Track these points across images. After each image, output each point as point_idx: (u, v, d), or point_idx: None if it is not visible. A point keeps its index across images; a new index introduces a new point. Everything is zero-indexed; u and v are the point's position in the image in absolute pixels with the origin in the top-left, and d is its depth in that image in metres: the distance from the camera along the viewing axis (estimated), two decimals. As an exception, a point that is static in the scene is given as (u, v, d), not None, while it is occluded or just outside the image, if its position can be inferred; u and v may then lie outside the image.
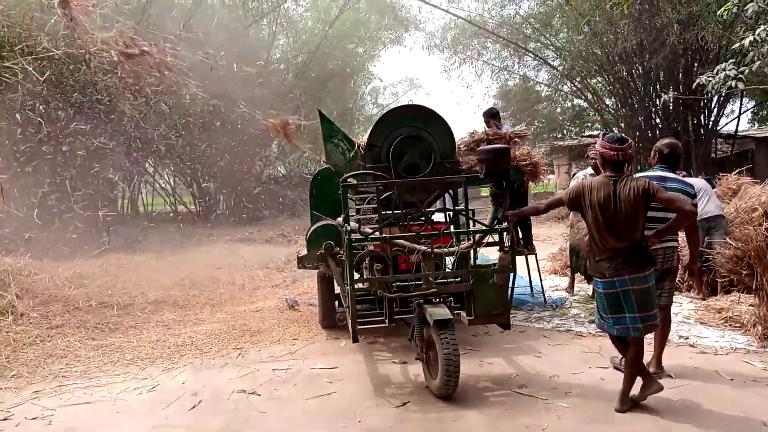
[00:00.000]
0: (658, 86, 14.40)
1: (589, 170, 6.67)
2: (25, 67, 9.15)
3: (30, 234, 9.91)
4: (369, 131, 5.48)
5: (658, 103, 14.23)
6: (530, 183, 6.42)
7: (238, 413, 4.15)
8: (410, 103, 19.02)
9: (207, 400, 4.41)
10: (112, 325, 6.52)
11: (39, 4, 9.47)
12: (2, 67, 9.06)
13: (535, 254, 7.07)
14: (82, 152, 11.67)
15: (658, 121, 14.85)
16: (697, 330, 5.54)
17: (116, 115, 12.58)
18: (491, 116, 7.30)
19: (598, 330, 4.74)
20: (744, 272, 5.41)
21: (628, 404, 3.85)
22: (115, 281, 7.91)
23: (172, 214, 17.87)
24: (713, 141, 15.47)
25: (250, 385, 4.67)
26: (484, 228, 4.49)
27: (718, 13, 8.57)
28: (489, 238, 4.56)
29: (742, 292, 5.90)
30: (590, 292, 6.70)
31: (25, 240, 9.55)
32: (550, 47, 17.60)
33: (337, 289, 5.92)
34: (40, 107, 10.94)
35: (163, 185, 19.07)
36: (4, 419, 4.17)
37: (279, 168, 21.98)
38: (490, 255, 6.36)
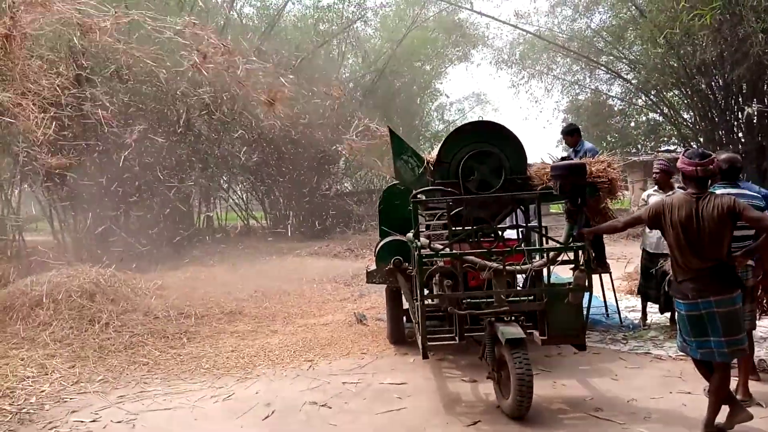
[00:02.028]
0: (740, 99, 13.71)
1: (653, 188, 6.39)
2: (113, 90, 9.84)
3: (114, 247, 10.52)
4: (438, 147, 5.51)
5: (740, 116, 13.54)
6: (607, 200, 6.20)
7: (310, 425, 4.23)
8: (480, 119, 18.94)
9: (280, 410, 4.51)
10: (190, 335, 6.79)
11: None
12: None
13: (610, 273, 6.85)
14: (163, 169, 12.29)
15: (740, 135, 14.12)
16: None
17: (194, 133, 13.19)
18: (569, 133, 7.16)
19: (680, 353, 4.54)
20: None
21: (713, 433, 3.66)
22: (192, 292, 8.24)
23: (244, 229, 18.45)
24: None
25: (321, 397, 4.74)
26: (558, 245, 4.40)
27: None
28: (563, 256, 4.47)
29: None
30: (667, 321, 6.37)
31: (110, 253, 10.13)
32: (624, 60, 17.13)
33: (406, 305, 5.93)
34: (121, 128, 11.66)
35: (236, 200, 19.76)
36: (93, 421, 4.41)
37: (346, 184, 22.34)
38: (560, 274, 6.21)
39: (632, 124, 22.20)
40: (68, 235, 11.71)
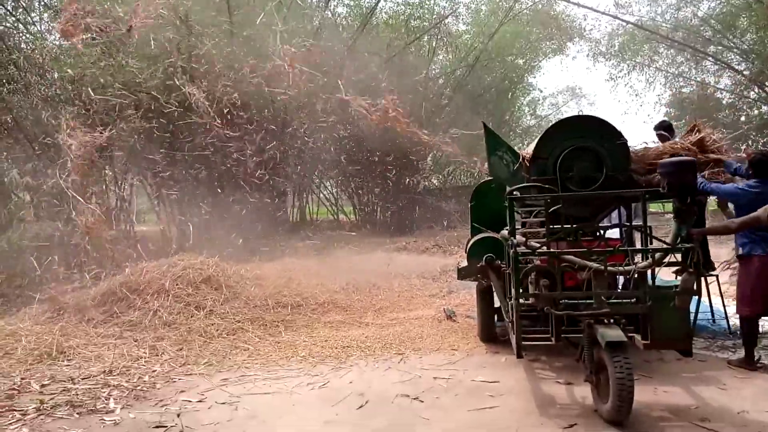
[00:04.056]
0: None
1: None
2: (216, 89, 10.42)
3: (216, 239, 11.11)
4: (535, 143, 5.39)
5: None
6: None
7: (402, 417, 4.29)
8: (579, 113, 18.34)
9: (373, 400, 4.60)
10: (287, 323, 7.08)
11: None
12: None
13: (717, 276, 6.45)
14: (260, 166, 12.83)
15: None
16: None
17: (290, 131, 13.65)
18: (664, 129, 6.81)
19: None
20: None
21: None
22: (288, 283, 8.55)
23: (334, 223, 18.89)
24: None
25: (413, 390, 4.80)
26: (665, 246, 4.20)
27: None
28: (669, 258, 4.26)
29: None
30: None
31: (212, 244, 10.70)
32: (734, 50, 16.04)
33: (497, 303, 5.87)
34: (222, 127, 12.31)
35: (326, 196, 20.28)
36: (199, 401, 4.70)
37: (434, 180, 22.32)
38: (663, 276, 5.92)
39: (743, 118, 20.72)
40: (174, 227, 12.49)
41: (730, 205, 5.67)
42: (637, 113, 53.30)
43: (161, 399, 4.73)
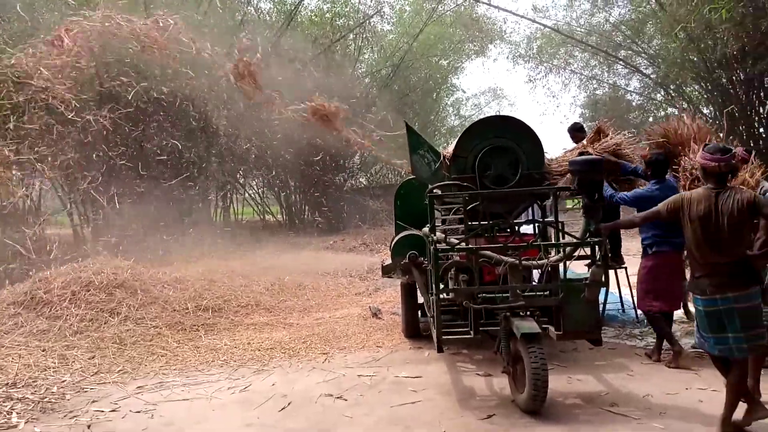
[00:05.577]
0: (762, 94, 13.50)
1: None
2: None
3: (131, 240, 10.64)
4: (455, 142, 5.50)
5: (761, 111, 13.34)
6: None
7: (325, 416, 4.26)
8: (497, 113, 18.87)
9: (295, 402, 4.55)
10: (207, 327, 6.87)
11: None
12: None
13: (626, 269, 6.80)
14: (180, 164, 12.42)
15: (762, 130, 13.91)
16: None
17: (212, 130, 13.29)
18: (576, 130, 7.14)
19: (697, 349, 4.51)
20: None
21: (731, 429, 3.62)
22: (210, 285, 8.30)
23: (260, 223, 18.57)
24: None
25: (337, 389, 4.78)
26: (575, 241, 4.39)
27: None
28: (579, 252, 4.45)
29: None
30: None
31: (128, 246, 10.25)
32: (642, 55, 16.99)
33: (421, 299, 5.95)
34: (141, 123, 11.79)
35: (252, 195, 19.89)
36: (112, 411, 4.49)
37: (361, 179, 22.38)
38: (575, 269, 6.19)
39: (650, 119, 21.97)
40: (87, 229, 11.87)
41: None
42: (554, 114, 55.54)
43: (71, 410, 4.49)
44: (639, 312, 6.67)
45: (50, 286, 6.92)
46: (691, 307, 6.06)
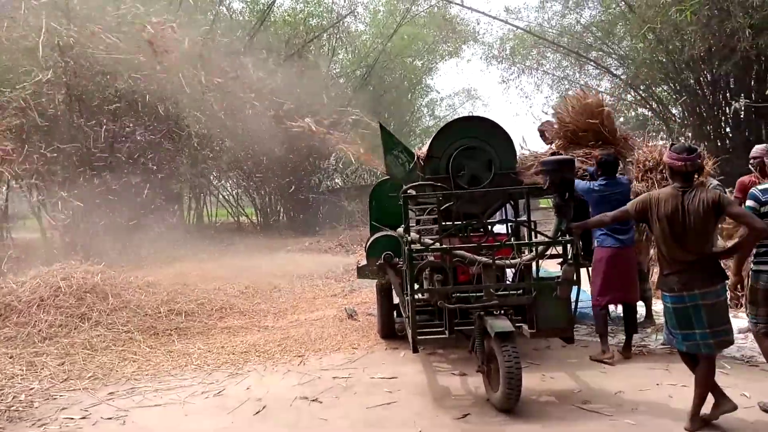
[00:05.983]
0: (728, 94, 13.82)
1: None
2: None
3: (101, 243, 10.45)
4: (429, 142, 5.52)
5: (728, 111, 13.65)
6: None
7: (300, 419, 4.24)
8: (470, 114, 18.99)
9: (270, 405, 4.51)
10: (180, 331, 6.77)
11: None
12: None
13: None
14: (152, 166, 12.24)
15: (728, 130, 14.24)
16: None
17: (184, 130, 13.12)
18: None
19: (666, 345, 4.59)
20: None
21: (699, 423, 3.70)
22: (183, 289, 8.19)
23: (234, 225, 18.40)
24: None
25: (312, 392, 4.76)
26: (547, 240, 4.44)
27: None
28: (551, 251, 4.50)
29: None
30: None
31: (98, 249, 10.07)
32: (613, 56, 17.23)
33: (396, 300, 5.95)
34: (111, 124, 11.57)
35: (226, 196, 19.70)
36: (83, 418, 4.40)
37: (336, 180, 22.33)
38: (548, 268, 6.25)
39: (621, 119, 22.31)
40: (56, 232, 11.62)
41: None
42: (527, 114, 55.98)
43: (39, 418, 4.39)
44: (611, 309, 6.79)
45: (18, 292, 6.76)
46: (656, 307, 6.21)
